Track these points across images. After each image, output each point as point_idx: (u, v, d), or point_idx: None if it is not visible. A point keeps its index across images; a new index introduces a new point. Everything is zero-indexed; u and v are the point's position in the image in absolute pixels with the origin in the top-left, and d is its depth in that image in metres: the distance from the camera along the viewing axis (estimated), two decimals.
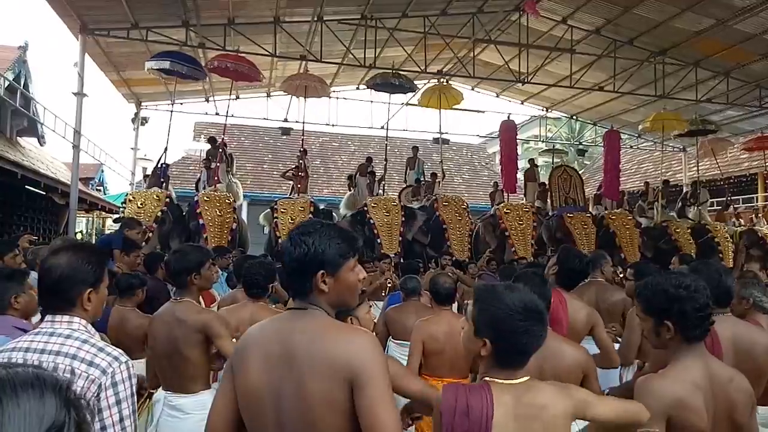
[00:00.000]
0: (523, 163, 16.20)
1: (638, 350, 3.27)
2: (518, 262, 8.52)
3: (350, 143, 22.00)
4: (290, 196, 11.20)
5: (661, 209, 12.82)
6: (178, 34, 10.22)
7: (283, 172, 12.50)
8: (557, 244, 9.77)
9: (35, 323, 2.28)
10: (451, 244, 10.45)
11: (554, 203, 12.26)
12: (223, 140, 11.06)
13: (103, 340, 1.78)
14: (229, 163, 11.52)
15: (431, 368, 3.25)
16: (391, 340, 4.30)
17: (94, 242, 10.11)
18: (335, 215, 11.30)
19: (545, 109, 16.83)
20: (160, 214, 9.21)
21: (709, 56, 11.68)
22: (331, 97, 13.97)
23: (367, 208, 10.63)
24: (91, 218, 19.41)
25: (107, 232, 15.34)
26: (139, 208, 9.25)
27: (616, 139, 13.71)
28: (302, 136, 12.19)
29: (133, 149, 14.65)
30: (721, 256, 11.15)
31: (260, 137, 21.21)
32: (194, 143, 19.59)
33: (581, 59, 12.16)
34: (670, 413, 1.71)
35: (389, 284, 6.96)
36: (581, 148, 19.02)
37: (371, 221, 10.32)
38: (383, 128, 14.84)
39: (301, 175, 11.22)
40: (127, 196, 10.07)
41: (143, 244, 6.89)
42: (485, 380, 1.57)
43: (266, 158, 20.49)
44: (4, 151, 9.67)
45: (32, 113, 11.00)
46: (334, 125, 15.79)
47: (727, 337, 2.29)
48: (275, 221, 10.05)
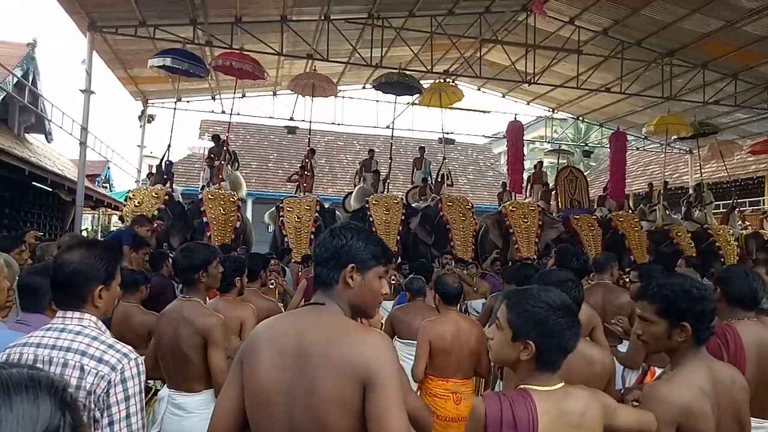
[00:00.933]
0: (528, 164, 16.18)
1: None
2: (523, 263, 8.50)
3: (355, 142, 21.99)
4: (295, 194, 11.22)
5: (662, 211, 12.77)
6: (185, 32, 10.25)
7: (288, 176, 12.53)
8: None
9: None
10: (454, 244, 10.44)
11: (559, 204, 12.23)
12: (226, 138, 11.08)
13: None
14: (232, 161, 11.55)
15: (437, 368, 3.25)
16: (396, 339, 4.30)
17: (102, 239, 10.14)
18: (338, 214, 11.30)
19: (551, 109, 16.79)
20: (157, 211, 9.13)
21: (717, 58, 11.63)
22: (337, 96, 13.98)
23: (368, 205, 10.65)
24: (96, 215, 19.51)
25: (113, 229, 15.39)
26: (136, 206, 9.24)
27: (622, 140, 13.67)
28: (309, 134, 12.20)
29: (139, 146, 14.72)
30: (723, 260, 11.09)
31: (266, 136, 21.24)
32: (199, 141, 19.65)
33: (588, 60, 12.13)
34: (679, 420, 1.70)
35: (393, 282, 6.96)
36: (587, 149, 18.97)
37: (370, 218, 10.33)
38: (389, 128, 14.86)
39: (307, 174, 11.25)
40: (128, 193, 10.09)
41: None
42: (524, 388, 1.54)
43: (271, 157, 20.52)
44: (11, 147, 9.72)
45: (40, 110, 11.06)
46: (339, 124, 15.81)
47: (751, 341, 2.27)
48: (281, 220, 10.08)
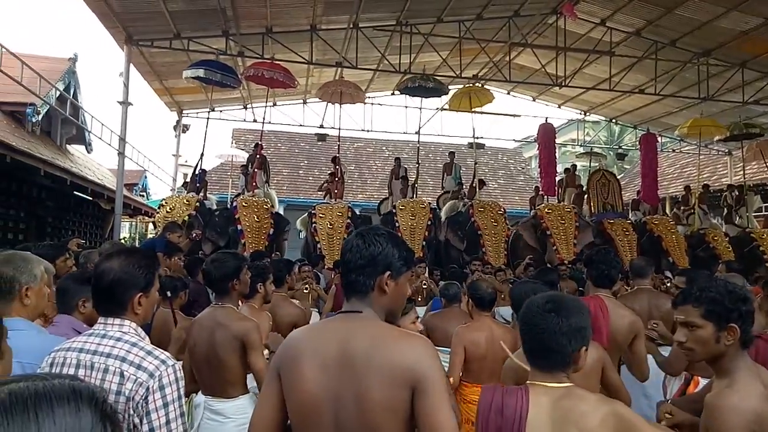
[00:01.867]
0: (560, 168, 15.93)
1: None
2: (557, 268, 8.37)
3: (385, 149, 22.05)
4: (326, 201, 11.31)
5: (700, 215, 12.39)
6: (218, 43, 10.49)
7: (319, 186, 12.61)
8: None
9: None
10: (486, 250, 10.33)
11: (592, 209, 12.00)
12: (261, 145, 11.24)
13: None
14: (266, 169, 11.68)
15: (472, 375, 3.23)
16: None
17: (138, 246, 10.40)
18: (373, 221, 11.34)
19: (583, 112, 16.54)
20: (187, 218, 9.31)
21: (756, 56, 11.25)
22: (365, 103, 14.06)
23: (395, 210, 10.65)
24: (134, 223, 20.02)
25: (149, 236, 15.78)
26: (168, 213, 9.45)
27: (652, 142, 13.38)
28: (338, 142, 12.30)
29: (174, 156, 15.09)
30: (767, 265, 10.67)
31: (296, 143, 21.49)
32: (230, 149, 19.97)
33: (621, 61, 11.90)
34: (753, 429, 1.63)
35: (424, 286, 6.95)
36: (621, 152, 18.58)
37: (397, 223, 10.34)
38: (417, 133, 14.87)
39: (337, 180, 11.33)
40: (161, 201, 10.33)
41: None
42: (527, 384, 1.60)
43: (302, 164, 20.74)
44: (54, 158, 10.08)
45: (81, 122, 11.44)
46: (368, 131, 15.89)
47: None
48: (313, 226, 10.15)
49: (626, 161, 22.02)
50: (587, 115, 16.72)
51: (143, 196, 18.99)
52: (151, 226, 18.16)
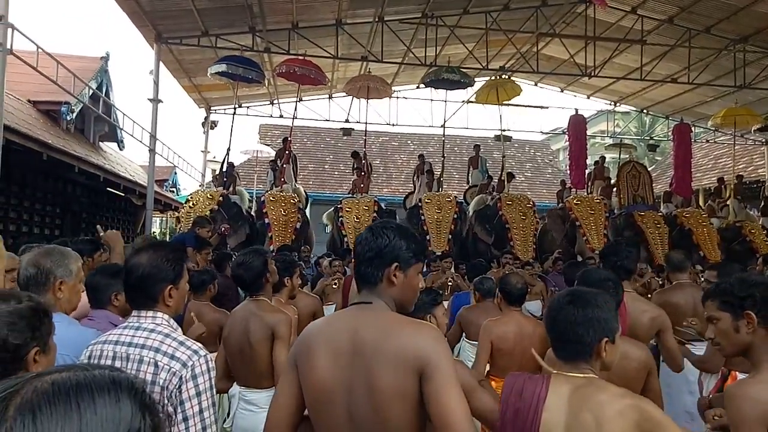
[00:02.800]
0: (589, 159, 15.66)
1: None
2: (585, 262, 8.23)
3: (410, 142, 22.00)
4: (353, 195, 11.33)
5: (735, 207, 12.02)
6: (245, 39, 10.58)
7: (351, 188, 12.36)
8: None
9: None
10: (514, 243, 10.21)
11: (622, 201, 11.77)
12: (289, 140, 11.30)
13: None
14: (294, 165, 11.74)
15: (500, 369, 3.20)
16: (464, 339, 4.34)
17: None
18: (399, 215, 11.32)
19: (613, 103, 16.19)
20: (209, 212, 9.24)
21: None
22: (391, 96, 14.02)
23: (421, 203, 10.61)
24: (165, 218, 20.43)
25: (178, 231, 16.06)
26: (191, 207, 9.54)
27: (686, 132, 12.99)
28: (364, 136, 12.30)
29: (203, 152, 15.31)
30: None
31: (322, 138, 21.59)
32: (256, 145, 20.16)
33: (652, 50, 11.59)
34: None
35: (450, 283, 6.91)
36: (652, 143, 18.14)
37: (422, 217, 10.28)
38: (443, 126, 14.78)
39: (363, 174, 11.34)
40: (187, 197, 10.48)
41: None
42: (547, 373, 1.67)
43: (328, 159, 20.84)
44: (88, 155, 10.35)
45: (113, 119, 11.69)
46: (394, 125, 15.85)
47: None
48: (340, 220, 10.19)
49: (658, 152, 21.53)
50: (617, 105, 16.37)
51: (173, 191, 19.35)
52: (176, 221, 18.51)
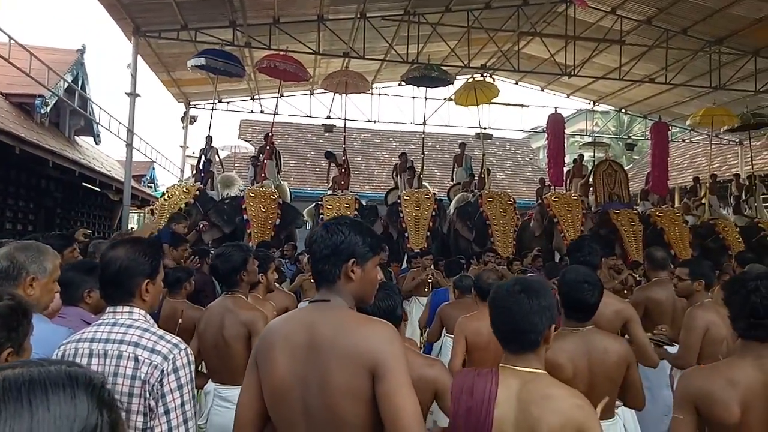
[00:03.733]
0: (568, 158, 15.85)
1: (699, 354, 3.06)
2: (564, 259, 8.34)
3: (392, 139, 21.98)
4: (334, 192, 11.28)
5: (714, 204, 12.26)
6: (225, 34, 10.47)
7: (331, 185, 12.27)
8: (601, 240, 9.48)
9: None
10: (494, 240, 10.30)
11: (598, 199, 11.93)
12: (271, 136, 11.21)
13: None
14: (277, 161, 11.62)
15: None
16: (446, 335, 4.39)
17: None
18: (380, 210, 11.31)
19: (592, 102, 16.39)
20: (184, 205, 9.18)
21: None
22: (372, 93, 14.00)
23: (400, 200, 10.62)
24: (142, 214, 20.13)
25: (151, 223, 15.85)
26: (165, 201, 9.44)
27: (664, 131, 13.21)
28: (344, 133, 12.25)
29: (182, 147, 15.12)
30: None
31: (303, 134, 21.45)
32: (235, 141, 19.95)
33: (631, 50, 11.76)
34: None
35: (430, 279, 6.94)
36: (630, 142, 18.43)
37: (401, 214, 10.29)
38: (423, 124, 14.80)
39: (343, 171, 11.30)
40: (164, 191, 10.34)
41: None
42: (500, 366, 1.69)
43: (309, 155, 20.72)
44: (63, 149, 10.15)
45: (89, 113, 11.48)
46: (375, 122, 15.84)
47: None
48: (321, 217, 10.15)
49: (635, 151, 21.89)
50: (596, 104, 16.57)
51: (151, 187, 19.10)
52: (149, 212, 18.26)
